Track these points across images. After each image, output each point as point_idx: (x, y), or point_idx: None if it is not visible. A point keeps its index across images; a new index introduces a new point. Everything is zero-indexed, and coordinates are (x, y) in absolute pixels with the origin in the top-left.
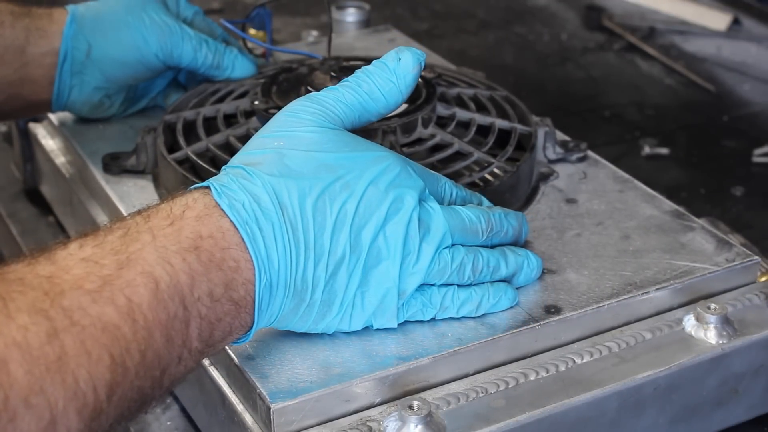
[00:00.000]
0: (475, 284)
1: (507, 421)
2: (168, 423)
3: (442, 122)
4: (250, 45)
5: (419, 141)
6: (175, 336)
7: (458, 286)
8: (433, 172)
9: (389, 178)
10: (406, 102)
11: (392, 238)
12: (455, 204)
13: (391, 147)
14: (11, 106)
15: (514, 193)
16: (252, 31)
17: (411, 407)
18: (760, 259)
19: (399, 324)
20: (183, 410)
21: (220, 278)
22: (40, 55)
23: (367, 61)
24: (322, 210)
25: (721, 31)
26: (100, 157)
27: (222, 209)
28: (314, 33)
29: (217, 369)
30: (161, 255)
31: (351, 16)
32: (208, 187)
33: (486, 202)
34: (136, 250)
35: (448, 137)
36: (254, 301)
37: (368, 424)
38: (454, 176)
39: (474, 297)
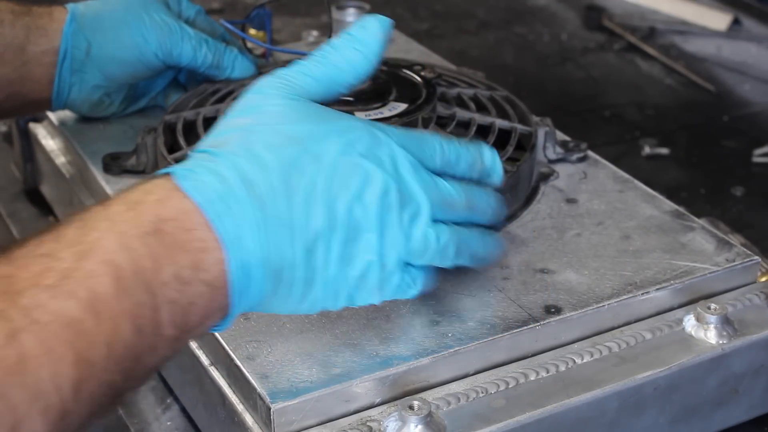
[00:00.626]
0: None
1: (507, 421)
2: (168, 423)
3: (442, 122)
4: (249, 45)
5: None
6: (144, 324)
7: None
8: (417, 133)
9: (361, 147)
10: (406, 102)
11: (370, 208)
12: (451, 160)
13: None
14: (11, 104)
15: (514, 193)
16: (252, 31)
17: (411, 407)
18: (760, 259)
19: (398, 324)
20: (183, 410)
21: (187, 260)
22: (40, 54)
23: None
24: (291, 184)
25: (721, 31)
26: (100, 157)
27: (184, 191)
28: (314, 33)
29: (217, 369)
30: (121, 241)
31: (351, 16)
32: (169, 173)
33: (487, 149)
34: (94, 240)
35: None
36: (227, 283)
37: (368, 424)
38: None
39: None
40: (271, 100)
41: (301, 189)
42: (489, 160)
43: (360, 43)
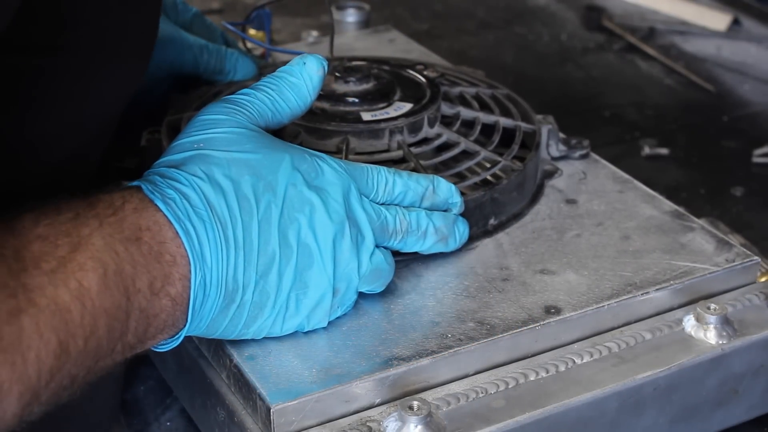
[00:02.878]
0: None
1: (507, 421)
2: (168, 423)
3: (446, 121)
4: (250, 45)
5: (426, 140)
6: (115, 326)
7: None
8: (362, 165)
9: (310, 179)
10: (411, 101)
11: (322, 238)
12: (394, 192)
13: (399, 146)
14: None
15: (521, 191)
16: (252, 32)
17: (411, 407)
18: (759, 260)
19: (398, 324)
20: (183, 410)
21: (159, 271)
22: None
23: (369, 60)
24: (249, 209)
25: (721, 32)
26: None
27: (156, 204)
28: (314, 33)
29: (216, 369)
30: (108, 242)
31: (351, 16)
32: (139, 186)
33: (443, 182)
34: (85, 235)
35: (454, 136)
36: (189, 299)
37: (368, 424)
38: (461, 175)
39: None
40: (223, 126)
41: (256, 216)
42: (444, 192)
43: (301, 77)
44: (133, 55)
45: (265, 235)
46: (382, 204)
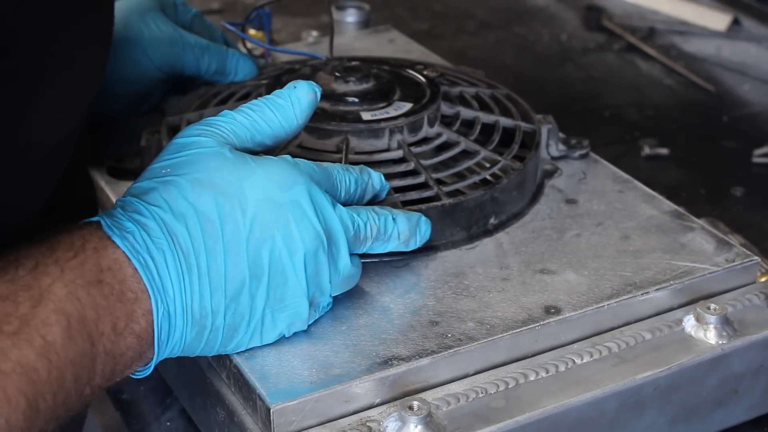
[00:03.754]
0: None
1: (507, 421)
2: (168, 423)
3: (446, 121)
4: (249, 45)
5: (426, 140)
6: (82, 373)
7: None
8: (324, 165)
9: (282, 190)
10: (411, 101)
11: (296, 254)
12: (350, 190)
13: (399, 146)
14: None
15: (521, 190)
16: (252, 32)
17: (411, 407)
18: (759, 260)
19: (397, 324)
20: (183, 411)
21: (122, 311)
22: None
23: (371, 60)
24: (213, 234)
25: (721, 32)
26: (98, 158)
27: (113, 241)
28: (314, 33)
29: (216, 369)
30: (70, 290)
31: (351, 16)
32: (98, 222)
33: (374, 173)
34: (47, 286)
35: (454, 136)
36: (153, 332)
37: (368, 424)
38: (461, 175)
39: None
40: (192, 148)
41: (222, 239)
42: (377, 182)
43: (288, 100)
44: (83, 69)
45: (233, 258)
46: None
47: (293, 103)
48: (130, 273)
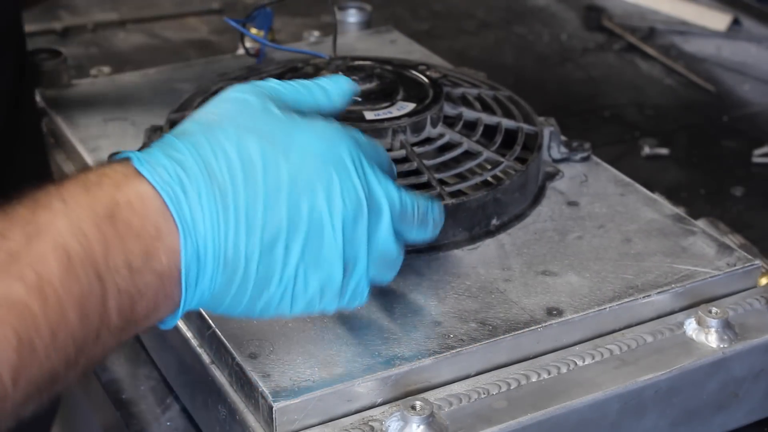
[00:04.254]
0: None
1: (509, 422)
2: (168, 423)
3: (449, 121)
4: (249, 44)
5: (428, 140)
6: (90, 312)
7: None
8: (377, 146)
9: (331, 148)
10: (414, 101)
11: (335, 213)
12: (394, 172)
13: (401, 146)
14: None
15: (523, 191)
16: (253, 30)
17: (413, 407)
18: (761, 263)
19: (400, 324)
20: (183, 410)
21: (139, 247)
22: None
23: (373, 60)
24: (254, 177)
25: (721, 32)
26: (101, 155)
27: (142, 175)
28: (315, 33)
29: (218, 368)
30: (73, 225)
31: (352, 16)
32: (128, 158)
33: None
34: (46, 221)
35: (456, 136)
36: (180, 271)
37: (370, 423)
38: (464, 175)
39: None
40: (238, 102)
41: (264, 184)
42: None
43: (332, 82)
44: None
45: (272, 203)
46: None
47: (335, 89)
48: (155, 207)
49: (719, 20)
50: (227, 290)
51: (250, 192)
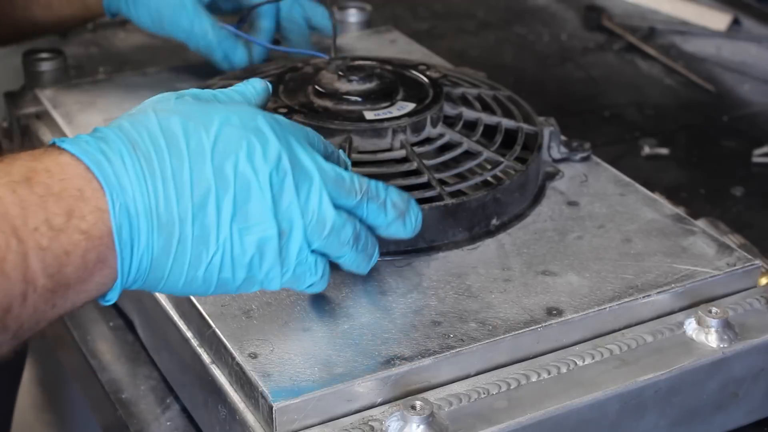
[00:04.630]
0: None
1: (509, 422)
2: (168, 423)
3: (449, 121)
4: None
5: (428, 140)
6: (10, 270)
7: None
8: (301, 126)
9: (247, 119)
10: (414, 101)
11: (260, 170)
12: (329, 152)
13: (401, 146)
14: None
15: (523, 191)
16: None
17: (413, 407)
18: (761, 263)
19: (400, 324)
20: (183, 410)
21: (60, 207)
22: None
23: (373, 60)
24: (177, 146)
25: (721, 31)
26: None
27: (62, 147)
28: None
29: (218, 367)
30: None
31: (352, 16)
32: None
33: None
34: None
35: (456, 136)
36: (112, 231)
37: (370, 423)
38: (464, 175)
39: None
40: (161, 97)
41: (187, 150)
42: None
43: (248, 87)
44: None
45: (197, 165)
46: None
47: (249, 87)
48: (77, 172)
49: (719, 20)
50: (167, 255)
51: (174, 157)
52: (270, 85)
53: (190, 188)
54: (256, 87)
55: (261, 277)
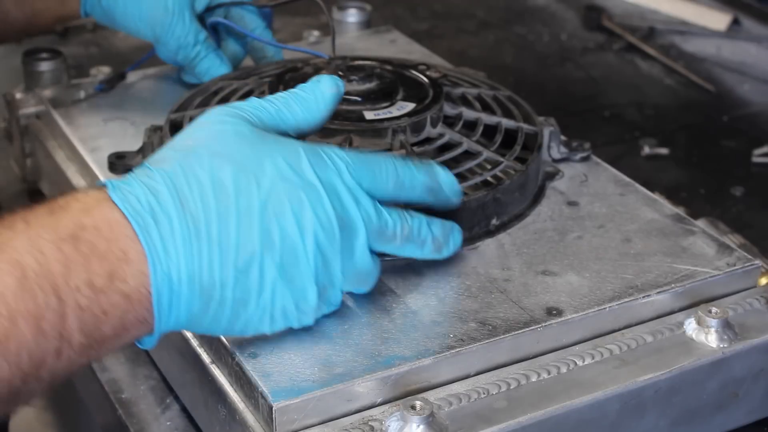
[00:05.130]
0: None
1: (509, 422)
2: (168, 423)
3: (449, 121)
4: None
5: (428, 140)
6: (48, 328)
7: None
8: (371, 156)
9: (301, 170)
10: (414, 101)
11: (307, 233)
12: (402, 186)
13: (401, 146)
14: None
15: (523, 191)
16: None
17: (413, 407)
18: (760, 263)
19: (400, 324)
20: (183, 410)
21: (103, 268)
22: None
23: (373, 60)
24: (226, 203)
25: (720, 31)
26: (101, 155)
27: (114, 202)
28: (315, 33)
29: (218, 367)
30: (33, 243)
31: (352, 16)
32: (105, 185)
33: (440, 170)
34: (6, 239)
35: (456, 136)
36: (151, 296)
37: (370, 423)
38: (464, 175)
39: None
40: (215, 125)
41: (236, 209)
42: (445, 183)
43: (312, 93)
44: None
45: (245, 228)
46: (391, 202)
47: (317, 97)
48: (124, 233)
49: (719, 20)
50: (204, 314)
51: (223, 219)
52: (342, 86)
53: (235, 253)
54: (324, 95)
55: (296, 324)
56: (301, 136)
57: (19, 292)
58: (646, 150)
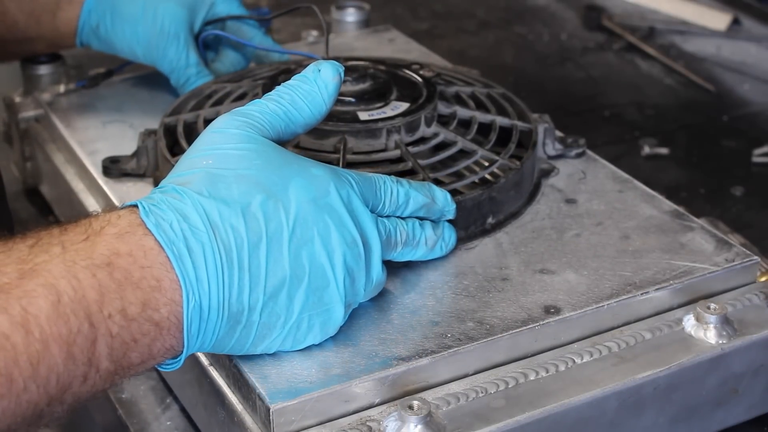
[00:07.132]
0: None
1: (507, 421)
2: (168, 423)
3: (443, 120)
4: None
5: (423, 140)
6: (78, 353)
7: None
8: (370, 176)
9: (325, 195)
10: (408, 101)
11: (336, 258)
12: (398, 204)
13: (396, 146)
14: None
15: (518, 189)
16: None
17: (411, 407)
18: (759, 259)
19: (397, 324)
20: (183, 410)
21: (137, 297)
22: (67, 20)
23: (367, 60)
24: (256, 230)
25: (720, 31)
26: (99, 158)
27: (147, 228)
28: (314, 33)
29: (216, 369)
30: (68, 268)
31: (351, 16)
32: (136, 206)
33: (438, 191)
34: (42, 261)
35: (451, 135)
36: (181, 324)
37: (368, 424)
38: (459, 174)
39: None
40: (233, 142)
41: (265, 236)
42: (441, 200)
43: (315, 85)
44: None
45: (275, 255)
46: (386, 216)
47: (320, 88)
48: (159, 261)
49: (719, 20)
50: (230, 337)
51: (253, 246)
52: (342, 71)
53: (264, 279)
54: (327, 86)
55: (320, 341)
56: (308, 129)
57: (53, 317)
58: (646, 150)
